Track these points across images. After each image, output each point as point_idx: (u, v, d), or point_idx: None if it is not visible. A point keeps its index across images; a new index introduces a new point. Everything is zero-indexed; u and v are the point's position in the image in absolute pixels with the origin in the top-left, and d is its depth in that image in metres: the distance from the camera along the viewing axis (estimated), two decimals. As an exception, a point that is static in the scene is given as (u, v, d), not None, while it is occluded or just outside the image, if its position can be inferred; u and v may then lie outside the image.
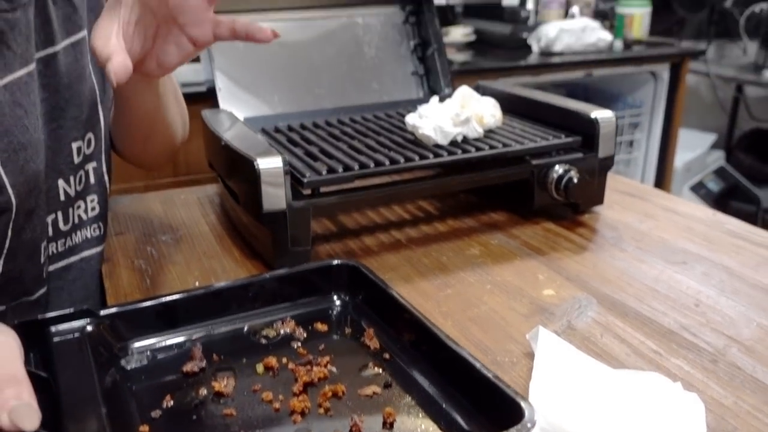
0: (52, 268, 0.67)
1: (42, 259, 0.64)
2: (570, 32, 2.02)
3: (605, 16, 2.30)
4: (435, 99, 0.81)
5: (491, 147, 0.76)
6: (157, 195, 0.92)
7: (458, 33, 2.26)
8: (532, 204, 0.79)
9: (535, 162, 0.77)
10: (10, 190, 0.57)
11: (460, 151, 0.74)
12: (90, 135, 0.68)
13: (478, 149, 0.75)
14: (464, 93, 0.81)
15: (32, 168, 0.59)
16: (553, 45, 2.01)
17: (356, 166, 0.70)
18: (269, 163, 0.64)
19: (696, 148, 2.72)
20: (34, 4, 0.60)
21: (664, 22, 2.65)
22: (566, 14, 2.19)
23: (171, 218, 0.84)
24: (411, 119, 0.79)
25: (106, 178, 0.71)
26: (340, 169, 0.69)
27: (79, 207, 0.69)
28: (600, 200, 0.82)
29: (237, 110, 0.91)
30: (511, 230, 0.78)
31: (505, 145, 0.76)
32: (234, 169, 0.71)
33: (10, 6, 0.57)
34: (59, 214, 0.66)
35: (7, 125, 0.57)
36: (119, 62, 0.51)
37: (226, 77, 0.95)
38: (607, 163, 0.80)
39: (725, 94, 2.91)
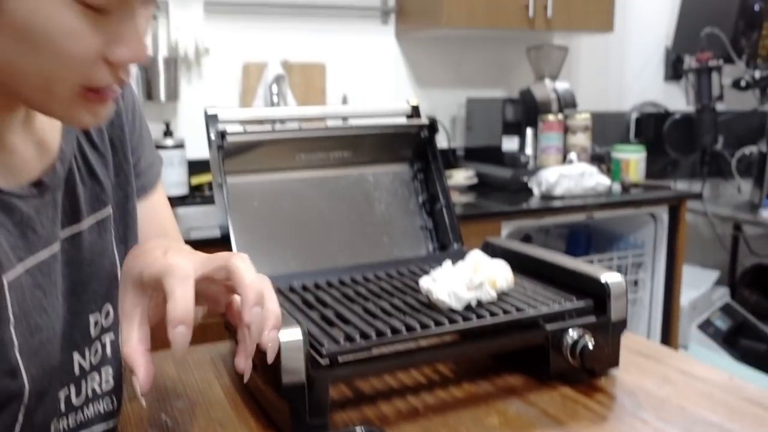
0: None
1: None
2: (569, 177, 2.10)
3: (601, 159, 2.40)
4: (448, 263, 0.83)
5: (505, 312, 0.77)
6: (170, 354, 0.91)
7: (461, 176, 2.35)
8: (548, 369, 0.79)
9: (549, 327, 0.78)
10: (24, 375, 0.56)
11: (475, 317, 0.75)
12: (108, 307, 0.68)
13: (492, 314, 0.76)
14: (476, 257, 0.83)
15: (48, 349, 0.59)
16: (553, 189, 2.09)
17: (373, 334, 0.71)
18: (289, 336, 0.65)
19: (700, 286, 2.73)
20: (63, 187, 0.63)
21: (658, 163, 2.77)
22: (564, 158, 2.29)
23: (185, 381, 0.83)
24: (425, 283, 0.81)
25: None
26: (358, 337, 0.70)
27: (93, 380, 0.68)
28: (615, 363, 0.82)
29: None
30: (528, 396, 0.77)
31: (519, 309, 0.78)
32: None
33: (40, 191, 0.60)
34: (72, 387, 0.65)
35: (26, 308, 0.57)
36: (143, 377, 0.54)
37: (242, 235, 0.98)
38: (620, 326, 0.81)
39: (724, 231, 2.97)
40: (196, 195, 2.12)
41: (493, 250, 1.01)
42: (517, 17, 2.19)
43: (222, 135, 0.95)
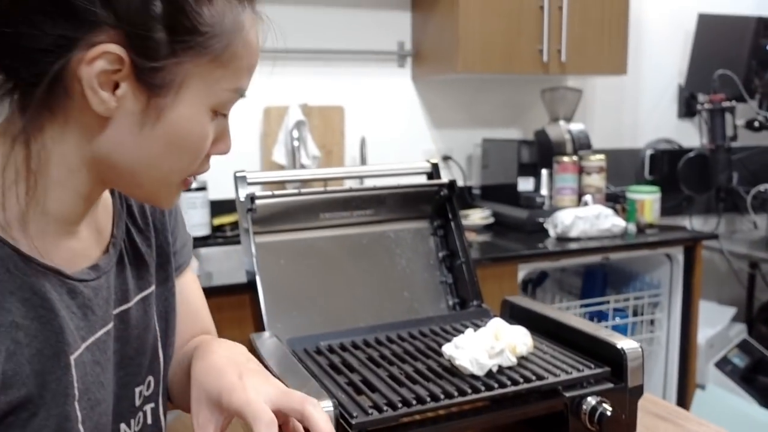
0: None
1: None
2: (585, 219, 2.12)
3: (616, 199, 2.43)
4: (470, 331, 0.87)
5: (526, 380, 0.80)
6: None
7: (477, 216, 2.38)
8: (567, 434, 0.81)
9: (568, 394, 0.80)
10: None
11: (497, 385, 0.78)
12: (150, 378, 0.73)
13: (514, 382, 0.79)
14: (497, 324, 0.87)
15: (103, 421, 0.64)
16: (569, 231, 2.11)
17: (399, 403, 0.74)
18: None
19: (717, 323, 2.72)
20: (115, 269, 0.68)
21: (673, 200, 2.78)
22: (579, 199, 2.31)
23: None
24: (448, 349, 0.84)
25: (162, 418, 0.75)
26: (385, 406, 0.73)
27: None
28: (633, 428, 0.84)
29: (281, 331, 0.97)
30: (548, 461, 0.79)
31: (539, 377, 0.80)
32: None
33: (96, 275, 0.64)
34: None
35: (87, 384, 0.62)
36: None
37: (269, 292, 1.01)
38: (637, 392, 0.83)
39: (740, 266, 2.97)
40: (218, 235, 2.16)
41: (511, 309, 1.04)
42: (531, 62, 2.23)
43: (251, 199, 1.00)
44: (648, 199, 2.31)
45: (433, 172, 1.20)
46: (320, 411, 0.61)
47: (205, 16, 0.56)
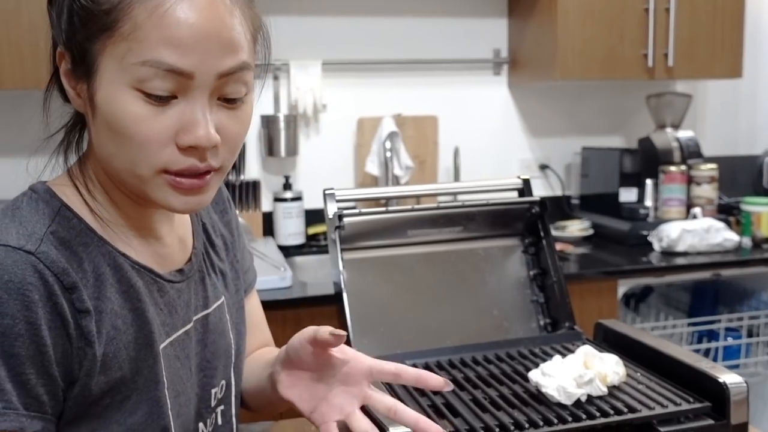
0: None
1: None
2: (693, 233, 2.00)
3: (730, 211, 2.27)
4: (558, 358, 0.84)
5: (616, 411, 0.76)
6: (289, 425, 0.97)
7: (575, 227, 2.30)
8: (663, 472, 0.76)
9: (663, 429, 0.76)
10: (173, 431, 0.66)
11: (585, 416, 0.75)
12: (224, 382, 0.77)
13: (603, 413, 0.76)
14: (587, 351, 0.83)
15: (185, 412, 0.68)
16: (675, 245, 1.99)
17: (481, 430, 0.72)
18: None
19: None
20: (197, 276, 0.74)
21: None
22: (688, 211, 2.18)
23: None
24: (534, 376, 0.81)
25: (234, 420, 0.79)
26: (465, 433, 0.72)
27: None
28: (737, 469, 0.78)
29: (367, 347, 0.97)
30: (640, 500, 0.75)
31: (631, 409, 0.76)
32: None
33: (182, 277, 0.71)
34: None
35: (171, 375, 0.67)
36: None
37: (356, 309, 1.02)
38: (741, 431, 0.77)
39: None
40: (312, 244, 2.22)
41: (605, 333, 1.00)
42: (635, 67, 2.13)
43: (340, 217, 1.01)
44: (766, 211, 2.14)
45: (525, 189, 1.17)
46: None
47: None
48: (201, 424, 0.73)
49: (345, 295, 0.99)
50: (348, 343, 0.96)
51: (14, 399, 0.55)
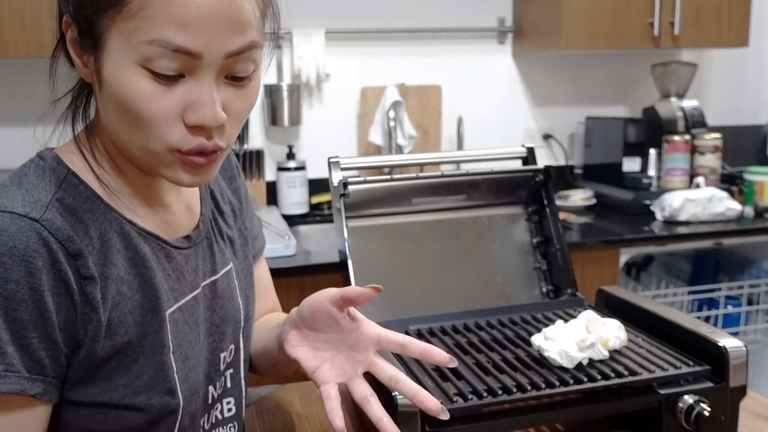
0: None
1: None
2: (696, 202, 2.00)
3: (733, 181, 2.27)
4: (560, 322, 0.85)
5: (617, 374, 0.77)
6: (296, 387, 0.99)
7: (578, 197, 2.30)
8: (661, 432, 0.78)
9: (663, 391, 0.77)
10: (179, 394, 0.67)
11: (586, 379, 0.77)
12: (232, 346, 0.79)
13: (604, 376, 0.77)
14: (589, 317, 0.84)
15: (194, 376, 0.70)
16: (678, 214, 2.00)
17: (485, 392, 0.74)
18: (405, 395, 0.70)
19: None
20: (204, 243, 0.75)
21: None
22: (691, 181, 2.18)
23: (309, 417, 0.90)
24: (537, 340, 0.83)
25: (243, 383, 0.80)
26: (470, 394, 0.74)
27: (217, 408, 0.78)
28: (734, 430, 0.80)
29: (371, 314, 0.99)
30: (639, 459, 0.77)
31: (631, 372, 0.78)
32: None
33: (190, 244, 0.72)
34: (206, 414, 0.76)
35: (179, 340, 0.68)
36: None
37: (361, 276, 1.03)
38: (740, 393, 0.79)
39: None
40: (316, 213, 2.23)
41: (607, 300, 1.01)
42: (640, 36, 2.11)
43: (344, 185, 1.02)
44: (768, 180, 2.14)
45: (529, 157, 1.18)
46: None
47: None
48: (211, 387, 0.75)
49: (350, 262, 1.00)
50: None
51: (15, 362, 0.56)
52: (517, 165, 1.19)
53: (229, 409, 0.79)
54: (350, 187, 1.03)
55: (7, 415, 0.58)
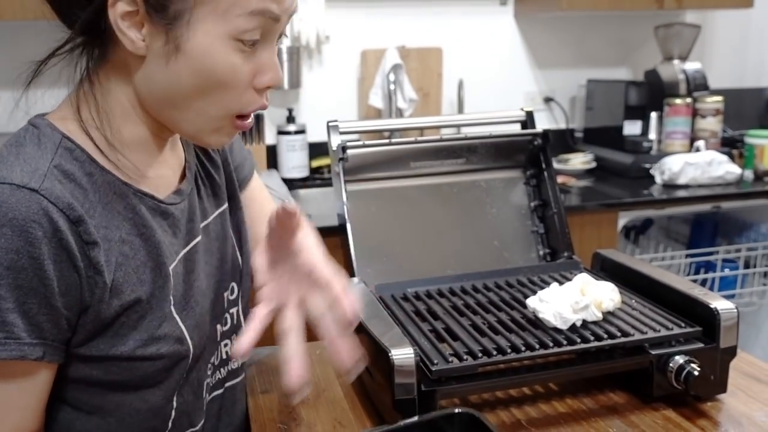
0: (207, 398, 0.78)
1: (204, 394, 0.76)
2: (695, 165, 2.01)
3: (734, 144, 2.27)
4: (555, 285, 0.86)
5: (610, 335, 0.79)
6: (296, 348, 1.01)
7: (578, 160, 2.30)
8: (651, 391, 0.80)
9: (654, 352, 0.79)
10: (189, 341, 0.70)
11: (579, 340, 0.78)
12: (233, 284, 0.81)
13: (597, 337, 0.79)
14: (584, 279, 0.86)
15: (201, 320, 0.73)
16: (677, 178, 2.01)
17: (479, 353, 0.76)
18: (402, 355, 0.71)
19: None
20: (194, 192, 0.76)
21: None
22: (691, 144, 2.18)
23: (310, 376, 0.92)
24: (532, 303, 0.84)
25: (242, 320, 0.83)
26: (465, 355, 0.76)
27: (225, 345, 0.81)
28: (723, 389, 0.82)
29: (370, 276, 1.00)
30: (630, 417, 0.79)
31: (624, 333, 0.79)
32: (368, 352, 0.79)
33: (181, 198, 0.73)
34: (215, 352, 0.78)
35: (184, 290, 0.71)
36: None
37: (360, 240, 1.05)
38: (730, 354, 0.81)
39: None
40: (316, 177, 2.23)
41: (603, 263, 1.03)
42: (643, -3, 2.09)
43: (343, 149, 1.02)
44: (769, 144, 2.14)
45: (528, 121, 1.18)
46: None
47: None
48: (218, 326, 0.78)
49: (349, 226, 1.02)
50: (351, 272, 1.00)
51: (16, 329, 0.58)
52: (517, 128, 1.19)
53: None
54: (349, 151, 1.04)
55: (11, 381, 0.60)
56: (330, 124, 1.08)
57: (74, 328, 0.63)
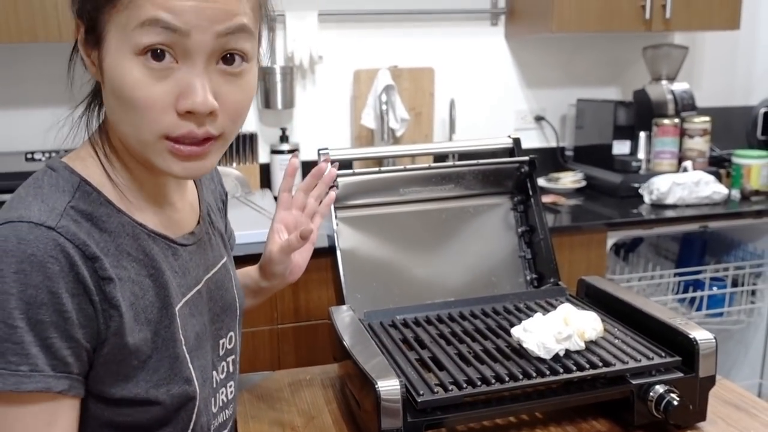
0: None
1: None
2: (683, 186, 2.03)
3: (721, 164, 2.30)
4: (539, 314, 0.88)
5: (592, 365, 0.81)
6: (285, 374, 1.03)
7: (568, 179, 2.33)
8: (633, 419, 0.82)
9: (635, 381, 0.81)
10: (196, 382, 0.72)
11: (562, 370, 0.80)
12: (231, 333, 0.83)
13: (579, 367, 0.81)
14: (567, 309, 0.88)
15: (204, 364, 0.74)
16: (665, 198, 2.03)
17: (464, 383, 0.78)
18: (388, 387, 0.73)
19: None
20: (205, 238, 0.79)
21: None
22: (679, 164, 2.21)
23: (298, 403, 0.94)
24: (516, 332, 0.86)
25: (237, 370, 0.85)
26: (450, 385, 0.77)
27: (222, 393, 0.82)
28: (702, 417, 0.84)
29: (360, 301, 1.02)
30: (612, 445, 0.81)
31: (605, 363, 0.81)
32: (356, 381, 0.81)
33: (194, 240, 0.76)
34: (212, 398, 0.80)
35: (188, 332, 0.72)
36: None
37: (350, 266, 1.07)
38: (708, 383, 0.83)
39: None
40: (310, 195, 2.25)
41: (587, 289, 1.05)
42: (632, 19, 2.12)
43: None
44: (756, 164, 2.16)
45: (515, 148, 1.20)
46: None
47: None
48: (215, 373, 0.79)
49: (339, 253, 1.04)
50: (341, 298, 1.02)
51: (40, 362, 0.59)
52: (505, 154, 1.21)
53: (232, 392, 0.84)
54: (340, 179, 1.06)
55: (38, 413, 0.61)
56: (321, 151, 1.10)
57: (91, 363, 0.64)
